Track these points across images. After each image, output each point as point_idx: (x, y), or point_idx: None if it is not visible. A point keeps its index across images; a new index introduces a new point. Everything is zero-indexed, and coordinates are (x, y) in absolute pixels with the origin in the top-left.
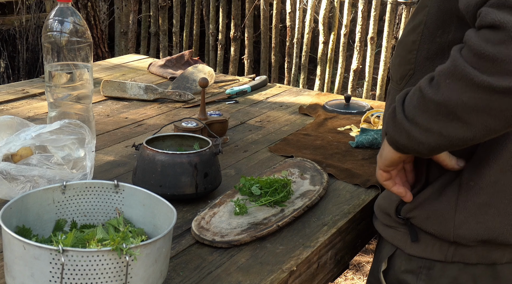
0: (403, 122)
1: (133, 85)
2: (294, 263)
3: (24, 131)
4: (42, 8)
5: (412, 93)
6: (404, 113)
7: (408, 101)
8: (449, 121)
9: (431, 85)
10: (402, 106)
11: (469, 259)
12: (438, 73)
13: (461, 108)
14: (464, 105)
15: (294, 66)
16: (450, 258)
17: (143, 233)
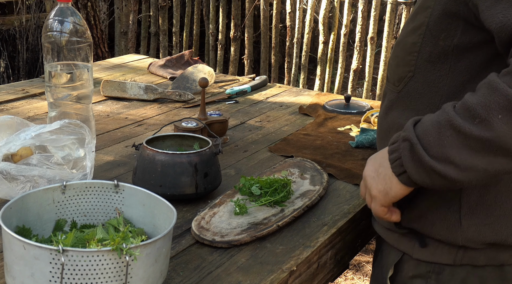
0: (433, 165)
1: (133, 85)
2: (294, 263)
3: (24, 131)
4: (42, 8)
5: (434, 129)
6: (429, 154)
7: (431, 139)
8: (497, 157)
9: (469, 120)
10: (423, 146)
11: (477, 261)
12: (478, 107)
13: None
14: None
15: (294, 66)
16: (459, 262)
17: (143, 233)
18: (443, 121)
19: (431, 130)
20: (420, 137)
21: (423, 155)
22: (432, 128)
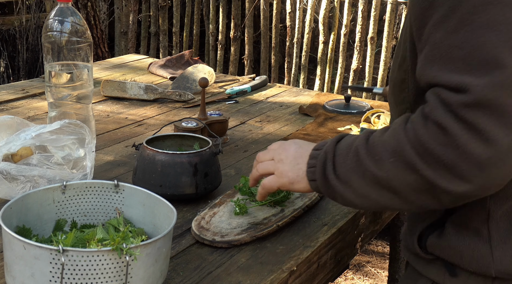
0: (335, 183)
1: (133, 85)
2: (294, 263)
3: (24, 131)
4: (42, 8)
5: (345, 151)
6: (335, 173)
7: (341, 160)
8: (387, 193)
9: (371, 154)
10: (333, 164)
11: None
12: (380, 146)
13: (404, 188)
14: (407, 186)
15: (294, 66)
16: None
17: (143, 233)
18: (354, 146)
19: (344, 151)
20: (336, 155)
21: (330, 173)
22: (345, 150)
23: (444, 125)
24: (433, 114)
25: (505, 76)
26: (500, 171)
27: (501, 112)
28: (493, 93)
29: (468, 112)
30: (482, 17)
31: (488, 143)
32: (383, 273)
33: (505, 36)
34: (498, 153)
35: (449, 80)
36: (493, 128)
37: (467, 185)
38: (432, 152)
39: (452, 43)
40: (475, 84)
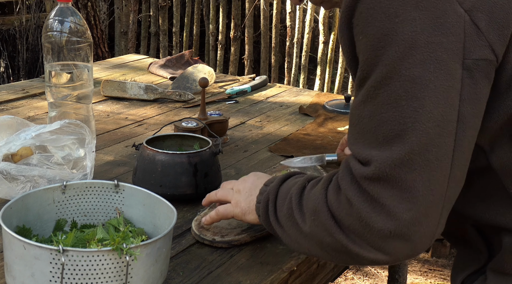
0: (275, 225)
1: (133, 85)
2: (294, 263)
3: (24, 131)
4: (42, 8)
5: (283, 196)
6: (275, 215)
7: (280, 204)
8: (315, 246)
9: (300, 207)
10: (274, 206)
11: None
12: (306, 201)
13: (325, 245)
14: (327, 245)
15: (294, 66)
16: None
17: (143, 233)
18: (290, 194)
19: (283, 195)
20: (277, 197)
21: (271, 214)
22: (284, 194)
23: (349, 197)
24: (342, 184)
25: (404, 152)
26: (406, 243)
27: (400, 187)
28: (393, 169)
29: (369, 185)
30: (385, 92)
31: (389, 217)
32: (383, 273)
33: (406, 112)
34: (400, 227)
35: (358, 152)
36: (394, 203)
37: (377, 253)
38: (341, 221)
39: (361, 114)
40: (377, 159)
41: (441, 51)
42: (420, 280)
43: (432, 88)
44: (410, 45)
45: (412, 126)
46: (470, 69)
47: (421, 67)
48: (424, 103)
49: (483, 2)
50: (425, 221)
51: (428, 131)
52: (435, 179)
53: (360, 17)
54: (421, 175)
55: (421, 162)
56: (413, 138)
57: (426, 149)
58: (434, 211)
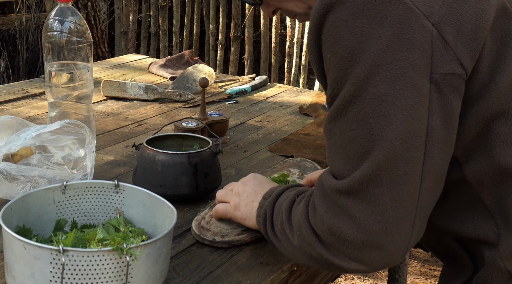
0: (274, 239)
1: (133, 85)
2: (294, 263)
3: (24, 131)
4: (42, 8)
5: (277, 211)
6: (273, 229)
7: (275, 219)
8: (307, 258)
9: (289, 222)
10: (271, 221)
11: None
12: (294, 216)
13: (314, 257)
14: (315, 257)
15: (294, 66)
16: None
17: (143, 233)
18: (282, 208)
19: (277, 210)
20: (273, 212)
21: (269, 229)
22: (278, 209)
23: (321, 213)
24: (315, 200)
25: (372, 169)
26: (380, 253)
27: (369, 201)
28: (362, 184)
29: (340, 198)
30: (353, 110)
31: (359, 228)
32: (383, 273)
33: (374, 129)
34: (372, 238)
35: (332, 165)
36: (363, 216)
37: (356, 264)
38: (318, 235)
39: (333, 129)
40: (349, 173)
41: (407, 68)
42: (420, 280)
43: (398, 105)
44: (376, 63)
45: (380, 144)
46: (438, 84)
47: (387, 85)
48: (390, 120)
49: (450, 16)
50: (397, 231)
51: (394, 148)
52: (404, 192)
53: (328, 35)
54: (389, 189)
55: (389, 177)
56: (380, 155)
57: (394, 164)
58: (405, 221)
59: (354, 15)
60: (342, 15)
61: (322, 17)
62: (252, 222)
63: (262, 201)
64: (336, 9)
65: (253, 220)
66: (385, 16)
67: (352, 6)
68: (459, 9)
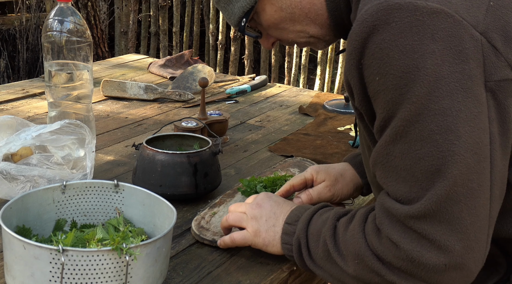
0: (313, 267)
1: (133, 85)
2: (294, 263)
3: (24, 131)
4: (42, 7)
5: (316, 238)
6: (311, 258)
7: (313, 246)
8: (358, 282)
9: (338, 249)
10: (308, 249)
11: None
12: (344, 245)
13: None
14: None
15: (294, 66)
16: None
17: (143, 233)
18: (322, 237)
19: (315, 237)
20: (308, 240)
21: (306, 257)
22: (316, 236)
23: (394, 240)
24: (383, 229)
25: (448, 187)
26: (462, 272)
27: (448, 220)
28: (439, 204)
29: (415, 223)
30: (416, 129)
31: (441, 250)
32: None
33: (442, 146)
34: (455, 258)
35: (395, 191)
36: (444, 236)
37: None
38: (390, 263)
39: (391, 153)
40: (418, 195)
41: (465, 79)
42: None
43: (463, 118)
44: (435, 79)
45: (452, 159)
46: (493, 91)
47: (449, 99)
48: (459, 134)
49: (496, 23)
50: (476, 246)
51: (467, 162)
52: (479, 204)
53: (373, 57)
54: (467, 204)
55: (465, 192)
56: (455, 171)
57: (468, 178)
58: (482, 234)
59: (403, 34)
60: (388, 35)
61: (364, 41)
62: (276, 248)
63: (286, 226)
64: (380, 30)
65: (277, 246)
66: (435, 31)
67: (398, 26)
68: (503, 16)
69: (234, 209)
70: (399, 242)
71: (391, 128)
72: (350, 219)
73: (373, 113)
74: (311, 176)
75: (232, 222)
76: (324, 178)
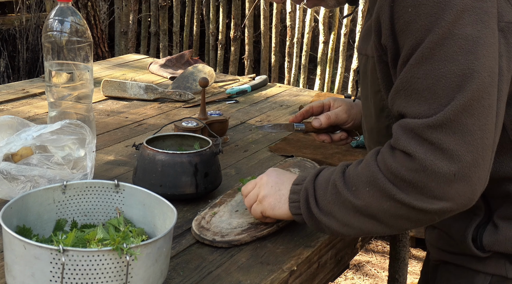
0: (320, 216)
1: (133, 85)
2: (294, 263)
3: (25, 131)
4: (42, 7)
5: (324, 185)
6: (318, 207)
7: (321, 194)
8: (368, 220)
9: (347, 186)
10: (315, 199)
11: None
12: (355, 177)
13: (382, 214)
14: (384, 212)
15: (294, 66)
16: None
17: (143, 233)
18: (332, 180)
19: (323, 185)
20: (316, 189)
21: (314, 207)
22: (324, 183)
23: (409, 152)
24: (398, 144)
25: (466, 99)
26: (468, 185)
27: (462, 131)
28: (456, 114)
29: (432, 133)
30: (441, 51)
31: (452, 160)
32: (383, 273)
33: (464, 64)
34: (463, 169)
35: (414, 109)
36: (456, 146)
37: (441, 203)
38: (402, 178)
39: (415, 75)
40: (436, 111)
41: (483, 14)
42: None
43: (482, 43)
44: (461, 9)
45: (471, 76)
46: (503, 31)
47: (471, 27)
48: (477, 56)
49: None
50: (482, 164)
51: (483, 80)
52: (488, 124)
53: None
54: (479, 119)
55: (479, 108)
56: (474, 86)
57: (482, 96)
58: (488, 154)
59: None
60: None
61: None
62: (282, 209)
63: (294, 187)
64: None
65: (283, 207)
66: None
67: None
68: None
69: (245, 191)
70: (414, 152)
71: (418, 52)
72: (358, 162)
73: (396, 48)
74: (328, 102)
75: (248, 204)
76: (341, 104)
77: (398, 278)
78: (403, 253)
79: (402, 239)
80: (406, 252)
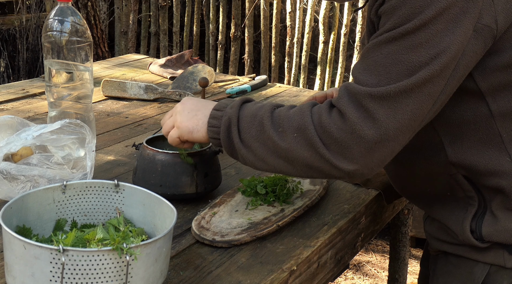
0: (239, 147)
1: (133, 84)
2: (294, 263)
3: (25, 131)
4: (42, 7)
5: (250, 119)
6: (240, 137)
7: (245, 126)
8: (283, 162)
9: (274, 126)
10: (238, 129)
11: None
12: (285, 120)
13: (300, 160)
14: (302, 159)
15: (294, 66)
16: None
17: (143, 233)
18: (259, 116)
19: (248, 118)
20: (240, 120)
21: (235, 137)
22: (250, 117)
23: (345, 112)
24: (338, 103)
25: (410, 84)
26: (382, 155)
27: (396, 108)
28: (396, 93)
29: (370, 102)
30: (409, 39)
31: (378, 129)
32: (383, 273)
33: (422, 57)
34: (384, 140)
35: (365, 78)
36: (386, 119)
37: (356, 165)
38: (330, 135)
39: (379, 49)
40: (385, 84)
41: (461, 14)
42: None
43: (448, 41)
44: (444, 7)
45: (425, 68)
46: (477, 31)
47: (445, 24)
48: (439, 52)
49: None
50: (401, 140)
51: (434, 73)
52: (421, 109)
53: None
54: (415, 103)
55: (419, 93)
56: (423, 75)
57: (427, 85)
58: (407, 135)
59: None
60: None
61: None
62: (200, 133)
63: (214, 112)
64: None
65: (201, 130)
66: None
67: None
68: None
69: (163, 120)
70: (349, 114)
71: (391, 33)
72: (292, 106)
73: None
74: (331, 93)
75: (165, 131)
76: None
77: (398, 278)
78: (403, 253)
79: (402, 239)
80: (406, 252)
